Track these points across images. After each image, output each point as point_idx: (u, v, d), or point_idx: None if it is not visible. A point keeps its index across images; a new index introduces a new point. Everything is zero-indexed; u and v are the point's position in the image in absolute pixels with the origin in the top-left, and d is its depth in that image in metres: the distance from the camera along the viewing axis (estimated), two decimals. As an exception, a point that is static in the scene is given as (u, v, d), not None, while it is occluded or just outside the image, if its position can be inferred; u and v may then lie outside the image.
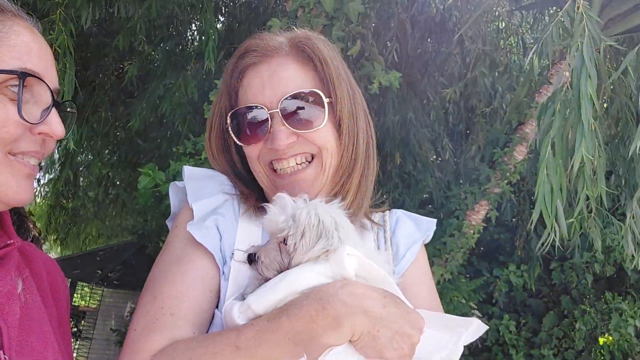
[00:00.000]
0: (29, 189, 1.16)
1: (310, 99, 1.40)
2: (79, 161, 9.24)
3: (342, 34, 3.78)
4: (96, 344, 13.63)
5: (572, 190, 3.19)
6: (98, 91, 7.37)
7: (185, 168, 1.52)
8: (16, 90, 1.08)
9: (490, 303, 6.57)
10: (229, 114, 1.47)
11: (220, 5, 7.08)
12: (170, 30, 6.98)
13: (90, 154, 9.24)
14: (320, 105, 1.41)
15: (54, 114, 1.16)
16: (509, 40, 7.02)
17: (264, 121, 1.40)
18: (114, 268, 12.86)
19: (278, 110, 1.38)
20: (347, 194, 1.48)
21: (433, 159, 6.32)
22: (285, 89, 1.39)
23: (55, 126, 1.16)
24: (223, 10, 7.27)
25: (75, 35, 4.50)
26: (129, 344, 1.24)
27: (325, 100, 1.41)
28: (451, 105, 6.31)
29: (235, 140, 1.47)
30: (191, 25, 7.38)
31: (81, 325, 14.26)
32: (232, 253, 1.37)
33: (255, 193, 1.51)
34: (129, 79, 6.26)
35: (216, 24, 6.37)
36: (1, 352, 1.04)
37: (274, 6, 6.42)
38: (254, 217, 1.45)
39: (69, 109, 1.27)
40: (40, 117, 1.14)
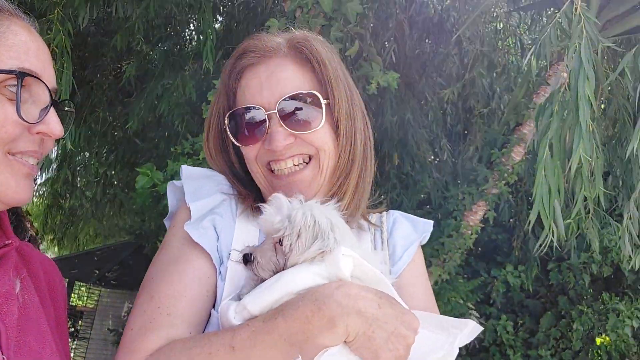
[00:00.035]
0: (28, 188, 1.16)
1: (308, 100, 1.40)
2: (76, 161, 9.21)
3: (341, 34, 3.78)
4: (93, 344, 13.59)
5: (570, 191, 3.20)
6: (96, 91, 7.36)
7: (183, 167, 1.52)
8: (14, 90, 1.08)
9: (488, 303, 6.58)
10: (227, 114, 1.47)
11: (219, 5, 7.07)
12: (168, 30, 6.97)
13: (88, 154, 9.21)
14: (318, 107, 1.41)
15: (53, 113, 1.16)
16: (507, 41, 7.03)
17: (262, 122, 1.40)
18: (111, 268, 12.82)
19: (276, 111, 1.38)
20: (345, 195, 1.48)
21: (431, 159, 6.32)
22: (283, 90, 1.39)
23: (54, 126, 1.15)
24: (221, 10, 7.26)
25: (73, 35, 4.49)
26: (125, 343, 1.24)
27: (323, 101, 1.41)
28: (449, 105, 6.31)
29: (233, 140, 1.47)
30: (189, 25, 7.38)
31: (78, 325, 14.22)
32: (229, 253, 1.37)
33: (252, 193, 1.51)
34: (127, 79, 6.25)
35: (214, 24, 6.36)
36: (-1, 352, 1.04)
37: (272, 6, 6.42)
38: (251, 217, 1.45)
39: (67, 108, 1.27)
40: (39, 117, 1.13)
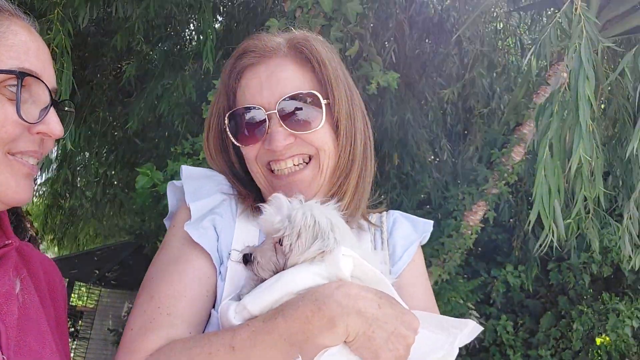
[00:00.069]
0: (28, 188, 1.16)
1: (308, 100, 1.40)
2: (76, 161, 9.21)
3: (341, 34, 3.78)
4: (93, 344, 13.59)
5: (570, 191, 3.19)
6: (96, 91, 7.35)
7: (183, 167, 1.52)
8: (14, 90, 1.08)
9: (488, 303, 6.58)
10: (227, 114, 1.47)
11: (219, 5, 7.07)
12: (168, 30, 6.96)
13: (88, 154, 9.21)
14: (317, 107, 1.41)
15: (53, 113, 1.16)
16: (507, 41, 7.03)
17: (262, 122, 1.40)
18: (111, 268, 12.82)
19: (276, 111, 1.38)
20: (345, 195, 1.48)
21: (431, 159, 6.32)
22: (283, 90, 1.39)
23: (54, 125, 1.15)
24: (221, 10, 7.26)
25: (73, 34, 4.48)
26: (125, 343, 1.25)
27: (323, 101, 1.41)
28: (449, 105, 6.31)
29: (233, 140, 1.47)
30: (189, 25, 7.37)
31: (78, 325, 14.22)
32: (229, 253, 1.37)
33: (252, 193, 1.51)
34: (127, 79, 6.25)
35: (214, 24, 6.36)
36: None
37: (272, 6, 6.42)
38: (251, 217, 1.45)
39: (67, 108, 1.26)
40: (39, 117, 1.13)
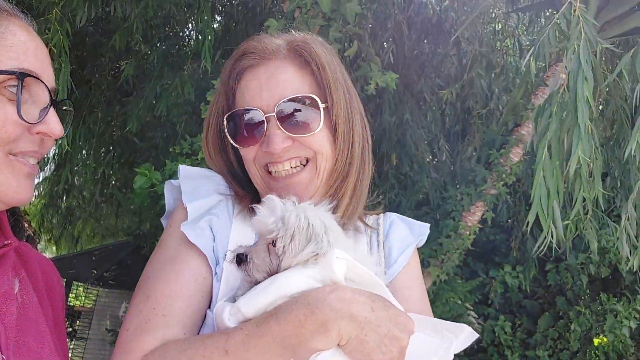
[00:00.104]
0: (28, 188, 1.16)
1: (306, 103, 1.40)
2: (74, 160, 9.19)
3: (339, 34, 3.78)
4: (91, 344, 13.57)
5: (568, 192, 3.20)
6: (94, 91, 7.34)
7: (180, 167, 1.53)
8: (14, 90, 1.08)
9: (486, 304, 6.58)
10: (226, 115, 1.47)
11: (217, 5, 7.06)
12: (166, 30, 6.96)
13: (86, 153, 9.19)
14: (316, 110, 1.41)
15: (52, 113, 1.16)
16: (506, 42, 7.04)
17: (260, 124, 1.41)
18: (109, 268, 12.81)
19: (274, 114, 1.39)
20: (343, 198, 1.48)
21: (429, 160, 6.32)
22: (282, 92, 1.40)
23: (54, 125, 1.15)
24: (220, 10, 7.25)
25: (72, 34, 4.48)
26: (121, 343, 1.25)
27: (322, 105, 1.41)
28: (447, 106, 6.31)
29: (232, 142, 1.47)
30: (188, 25, 7.36)
31: (76, 325, 14.21)
32: (225, 254, 1.37)
33: (250, 194, 1.51)
34: (125, 78, 6.24)
35: (213, 24, 6.35)
36: (-1, 353, 1.04)
37: (271, 6, 6.42)
38: (248, 218, 1.45)
39: (65, 107, 1.26)
40: (39, 117, 1.13)
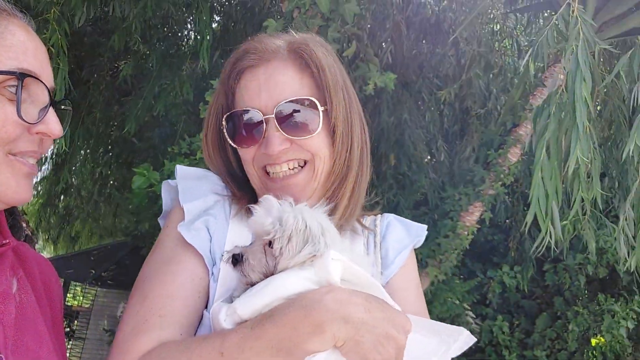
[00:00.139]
0: (28, 188, 1.16)
1: (305, 104, 1.40)
2: (72, 160, 9.18)
3: (338, 35, 3.78)
4: (89, 344, 13.56)
5: (566, 192, 3.20)
6: (93, 91, 7.33)
7: (178, 167, 1.53)
8: (13, 90, 1.08)
9: (484, 304, 6.59)
10: (225, 115, 1.47)
11: (216, 5, 7.06)
12: (165, 30, 6.95)
13: (84, 153, 9.18)
14: (315, 113, 1.41)
15: (52, 113, 1.16)
16: (504, 42, 7.05)
17: (259, 125, 1.40)
18: (107, 268, 12.80)
19: (273, 115, 1.39)
20: (341, 200, 1.48)
21: (428, 160, 6.33)
22: (282, 94, 1.40)
23: (53, 125, 1.15)
24: (219, 10, 7.25)
25: (70, 34, 4.47)
26: (118, 344, 1.25)
27: (320, 108, 1.41)
28: (446, 106, 6.32)
29: (230, 142, 1.47)
30: (186, 25, 7.36)
31: (74, 325, 14.20)
32: (222, 254, 1.36)
33: (247, 195, 1.51)
34: (123, 78, 6.24)
35: (211, 24, 6.34)
36: (-3, 352, 1.03)
37: (269, 6, 6.42)
38: (245, 219, 1.45)
39: (64, 107, 1.26)
40: (38, 117, 1.13)
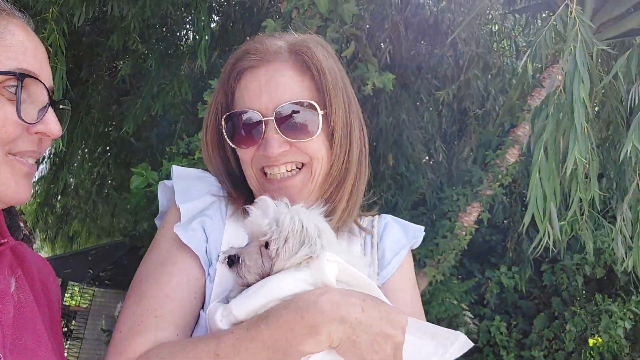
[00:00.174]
0: (27, 188, 1.16)
1: (305, 109, 1.41)
2: (70, 160, 9.16)
3: (336, 35, 3.78)
4: (87, 344, 13.55)
5: (564, 193, 3.21)
6: (91, 91, 7.32)
7: (174, 168, 1.53)
8: (13, 90, 1.08)
9: (482, 304, 6.59)
10: (224, 116, 1.48)
11: (214, 5, 7.05)
12: (164, 30, 6.94)
13: (82, 153, 9.17)
14: (314, 116, 1.41)
15: (51, 113, 1.16)
16: (502, 43, 7.05)
17: (259, 127, 1.41)
18: (105, 268, 12.79)
19: (273, 117, 1.39)
20: (339, 203, 1.49)
21: (426, 160, 6.33)
22: (282, 96, 1.40)
23: (53, 125, 1.15)
24: (217, 10, 7.24)
25: (68, 34, 4.46)
26: (114, 345, 1.25)
27: (320, 112, 1.41)
28: (444, 107, 6.32)
29: (229, 142, 1.47)
30: (185, 25, 7.35)
31: (72, 325, 14.17)
32: (218, 255, 1.37)
33: (244, 195, 1.51)
34: (122, 77, 6.23)
35: (210, 24, 6.34)
36: (-4, 351, 1.03)
37: (268, 7, 6.41)
38: (241, 220, 1.45)
39: (62, 106, 1.26)
40: (37, 117, 1.13)
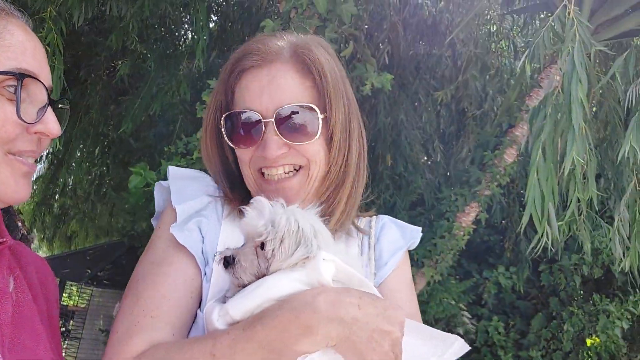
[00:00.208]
0: (27, 187, 1.17)
1: (305, 112, 1.41)
2: (68, 160, 9.15)
3: (335, 35, 3.78)
4: (85, 344, 13.54)
5: (562, 193, 3.21)
6: (90, 91, 7.31)
7: (170, 168, 1.54)
8: (12, 90, 1.08)
9: (480, 304, 6.59)
10: (224, 115, 1.48)
11: (213, 5, 7.05)
12: (162, 30, 6.93)
13: (80, 153, 9.16)
14: (314, 120, 1.42)
15: (50, 113, 1.16)
16: (500, 43, 7.05)
17: (258, 128, 1.41)
18: (103, 267, 12.78)
19: (273, 120, 1.39)
20: (338, 206, 1.49)
21: (424, 160, 6.33)
22: (282, 98, 1.40)
23: (52, 125, 1.16)
24: (216, 10, 7.24)
25: (67, 33, 4.45)
26: (111, 345, 1.25)
27: (320, 116, 1.42)
28: (442, 107, 6.33)
29: (228, 141, 1.47)
30: (184, 25, 7.34)
31: (70, 325, 14.16)
32: (215, 255, 1.37)
33: (240, 195, 1.52)
34: (120, 77, 6.22)
35: (208, 24, 6.33)
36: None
37: (267, 7, 6.40)
38: (237, 220, 1.45)
39: (61, 106, 1.27)
40: (37, 117, 1.13)
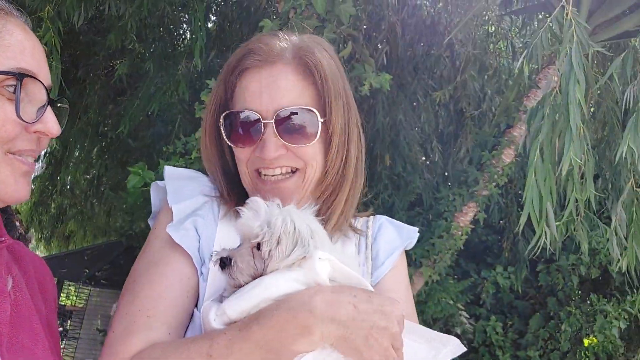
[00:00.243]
0: (26, 186, 1.17)
1: (305, 115, 1.41)
2: (66, 159, 9.14)
3: (334, 35, 3.78)
4: (82, 344, 13.51)
5: (560, 193, 3.22)
6: (88, 90, 7.30)
7: (166, 168, 1.54)
8: (12, 89, 1.08)
9: (478, 304, 6.60)
10: (223, 114, 1.48)
11: (212, 5, 7.04)
12: (161, 30, 6.92)
13: (78, 152, 9.14)
14: (314, 123, 1.42)
15: (50, 112, 1.16)
16: (499, 44, 7.06)
17: (257, 128, 1.41)
18: (101, 267, 12.76)
19: (272, 121, 1.39)
20: (336, 208, 1.50)
21: (422, 160, 6.34)
22: (282, 99, 1.40)
23: (52, 125, 1.16)
24: (214, 10, 7.23)
25: (65, 33, 4.44)
26: (108, 345, 1.26)
27: (320, 120, 1.42)
28: (441, 107, 6.33)
29: (227, 140, 1.48)
30: (182, 25, 7.34)
31: (67, 325, 14.14)
32: (211, 255, 1.37)
33: (236, 195, 1.52)
34: (119, 77, 6.21)
35: (207, 24, 6.33)
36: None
37: (265, 7, 6.40)
38: (233, 220, 1.45)
39: (60, 104, 1.27)
40: (36, 116, 1.14)
